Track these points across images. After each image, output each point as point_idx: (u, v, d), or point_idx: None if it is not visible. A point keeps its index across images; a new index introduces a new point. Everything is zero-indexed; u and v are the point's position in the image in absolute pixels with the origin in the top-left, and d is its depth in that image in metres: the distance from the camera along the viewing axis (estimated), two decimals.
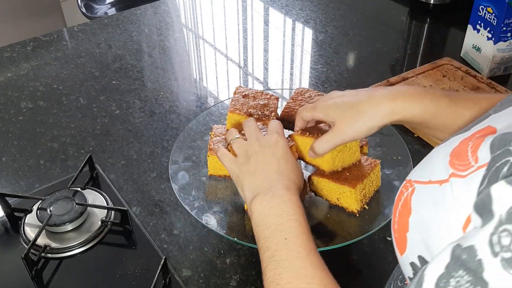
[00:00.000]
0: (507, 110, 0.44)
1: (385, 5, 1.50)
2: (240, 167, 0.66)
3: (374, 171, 0.76)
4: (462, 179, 0.39)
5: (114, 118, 1.05)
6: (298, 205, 0.59)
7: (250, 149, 0.67)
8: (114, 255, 0.77)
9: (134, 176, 0.91)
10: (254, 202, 0.61)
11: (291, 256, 0.53)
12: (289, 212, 0.58)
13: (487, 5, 1.09)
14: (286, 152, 0.66)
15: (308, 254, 0.53)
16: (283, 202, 0.59)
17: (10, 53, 1.26)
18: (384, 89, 0.64)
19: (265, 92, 0.88)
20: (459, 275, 0.32)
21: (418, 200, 0.44)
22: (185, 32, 1.39)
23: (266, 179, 0.63)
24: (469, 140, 0.41)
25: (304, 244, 0.54)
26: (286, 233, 0.55)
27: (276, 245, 0.54)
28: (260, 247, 0.57)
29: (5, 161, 0.94)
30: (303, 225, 0.56)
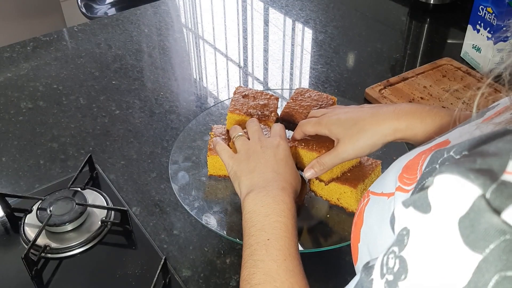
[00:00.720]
0: (466, 126, 0.44)
1: (385, 5, 1.50)
2: (240, 164, 0.66)
3: (375, 171, 0.76)
4: (405, 194, 0.39)
5: (114, 118, 1.05)
6: (289, 207, 0.59)
7: (252, 148, 0.67)
8: (114, 255, 0.77)
9: (134, 176, 0.91)
10: (247, 198, 0.61)
11: (268, 258, 0.52)
12: (278, 213, 0.57)
13: (487, 5, 1.09)
14: (287, 156, 0.67)
15: (285, 259, 0.52)
16: (274, 202, 0.58)
17: (10, 53, 1.26)
18: (388, 107, 0.65)
19: (265, 92, 0.88)
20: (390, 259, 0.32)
21: (369, 212, 0.45)
22: (185, 32, 1.39)
23: (262, 178, 0.63)
24: (424, 153, 0.41)
25: (284, 248, 0.53)
26: (270, 234, 0.55)
27: (257, 244, 0.54)
28: (244, 243, 0.57)
29: (5, 161, 0.94)
30: (289, 228, 0.56)
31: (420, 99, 1.05)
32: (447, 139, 0.42)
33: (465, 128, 0.42)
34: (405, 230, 0.31)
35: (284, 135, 0.70)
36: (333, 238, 0.75)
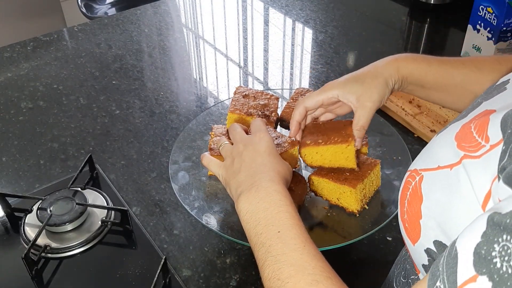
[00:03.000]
0: (498, 96, 0.45)
1: (385, 5, 1.50)
2: (227, 170, 0.65)
3: (374, 171, 0.76)
4: (476, 160, 0.38)
5: (114, 118, 1.05)
6: (284, 195, 0.57)
7: (235, 151, 0.66)
8: (114, 255, 0.77)
9: (134, 176, 0.91)
10: (239, 200, 0.59)
11: (288, 249, 0.51)
12: (277, 203, 0.56)
13: (487, 5, 1.09)
14: (270, 147, 0.65)
15: (305, 245, 0.51)
16: (268, 195, 0.57)
17: (10, 53, 1.26)
18: (383, 59, 0.70)
19: (265, 92, 0.88)
20: (505, 240, 0.30)
21: (429, 187, 0.44)
22: (185, 32, 1.39)
23: (249, 175, 0.61)
24: (470, 123, 0.42)
25: (299, 235, 0.52)
26: (278, 225, 0.54)
27: (270, 239, 0.53)
28: (254, 245, 0.55)
29: (5, 161, 0.94)
30: (293, 216, 0.55)
31: (420, 99, 1.05)
32: (487, 109, 0.42)
33: (506, 95, 0.43)
34: None
35: (264, 128, 0.69)
36: (333, 238, 0.75)
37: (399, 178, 0.79)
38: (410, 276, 0.53)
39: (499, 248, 0.30)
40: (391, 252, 0.77)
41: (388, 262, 0.75)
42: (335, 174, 0.75)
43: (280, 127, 0.87)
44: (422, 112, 1.02)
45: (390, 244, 0.78)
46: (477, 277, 0.31)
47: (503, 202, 0.33)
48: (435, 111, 1.02)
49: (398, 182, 0.79)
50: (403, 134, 0.98)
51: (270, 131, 0.77)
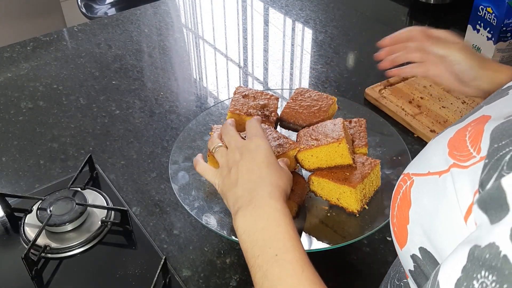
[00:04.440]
0: (499, 101, 0.45)
1: (385, 5, 1.50)
2: (224, 180, 0.62)
3: (374, 171, 0.76)
4: (464, 170, 0.38)
5: (114, 118, 1.05)
6: (283, 213, 0.55)
7: (231, 159, 0.63)
8: (114, 255, 0.77)
9: (134, 176, 0.91)
10: (237, 217, 0.56)
11: (285, 274, 0.49)
12: (274, 223, 0.54)
13: (487, 5, 1.09)
14: (267, 156, 0.61)
15: (303, 271, 0.49)
16: (266, 213, 0.55)
17: (10, 53, 1.26)
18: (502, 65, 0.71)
19: (265, 92, 0.88)
20: (483, 276, 0.30)
21: (418, 192, 0.43)
22: (185, 32, 1.39)
23: (247, 189, 0.58)
24: (465, 130, 0.41)
25: (297, 259, 0.50)
26: (276, 248, 0.51)
27: (267, 263, 0.50)
28: (251, 266, 0.53)
29: (5, 161, 0.94)
30: (291, 236, 0.52)
31: (420, 99, 1.05)
32: (484, 114, 0.42)
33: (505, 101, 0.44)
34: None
35: (260, 132, 0.64)
36: (333, 238, 0.75)
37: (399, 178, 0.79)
38: (402, 279, 0.53)
39: (478, 285, 0.30)
40: (391, 252, 0.77)
41: (387, 262, 0.75)
42: (335, 174, 0.75)
43: (280, 127, 0.87)
44: (422, 112, 1.02)
45: (390, 244, 0.78)
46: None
47: (482, 232, 0.33)
48: (435, 111, 1.02)
49: None
50: (403, 134, 0.98)
51: (270, 131, 0.77)
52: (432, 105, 1.04)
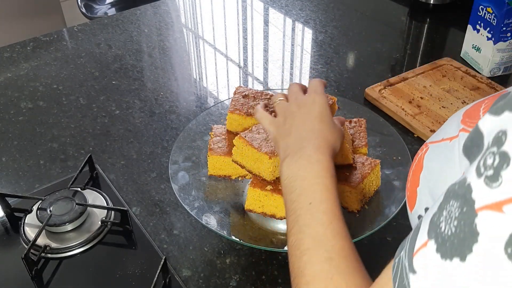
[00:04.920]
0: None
1: (385, 5, 1.50)
2: (278, 128, 0.65)
3: (374, 171, 0.76)
4: (467, 133, 0.39)
5: (114, 118, 1.05)
6: (326, 167, 0.57)
7: (288, 110, 0.66)
8: (114, 255, 0.77)
9: (134, 176, 0.91)
10: (283, 164, 0.60)
11: (314, 222, 0.51)
12: (315, 175, 0.56)
13: (487, 5, 1.09)
14: (322, 112, 0.64)
15: (331, 222, 0.51)
16: (310, 164, 0.57)
17: (10, 53, 1.26)
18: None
19: (265, 92, 0.88)
20: (450, 205, 0.32)
21: (430, 157, 0.45)
22: (185, 32, 1.39)
23: (297, 140, 0.61)
24: (483, 102, 0.42)
25: (328, 211, 0.52)
26: (311, 197, 0.54)
27: (300, 209, 0.53)
28: (287, 210, 0.56)
29: (5, 161, 0.94)
30: (329, 189, 0.55)
31: (420, 99, 1.05)
32: (506, 90, 0.43)
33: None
34: (500, 132, 0.31)
35: (320, 90, 0.67)
36: None
37: (399, 178, 0.79)
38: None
39: (446, 213, 0.32)
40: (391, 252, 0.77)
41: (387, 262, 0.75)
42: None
43: None
44: (422, 112, 1.02)
45: (390, 245, 0.78)
46: (428, 241, 0.33)
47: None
48: (435, 111, 1.02)
49: (398, 182, 0.79)
50: (403, 134, 0.98)
51: None
52: (432, 105, 1.04)
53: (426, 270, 0.32)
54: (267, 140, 0.75)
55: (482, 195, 0.30)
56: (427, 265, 0.32)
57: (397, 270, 0.35)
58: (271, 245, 0.74)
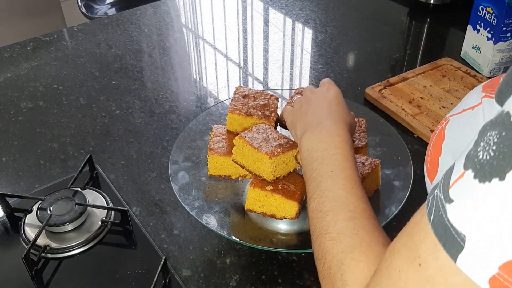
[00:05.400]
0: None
1: (385, 5, 1.50)
2: (294, 113, 0.70)
3: (374, 171, 0.76)
4: (492, 99, 0.40)
5: (114, 118, 1.05)
6: (345, 140, 0.60)
7: (304, 98, 0.71)
8: (114, 255, 0.77)
9: (134, 176, 0.91)
10: (303, 138, 0.63)
11: (336, 187, 0.53)
12: (335, 146, 0.59)
13: (487, 5, 1.09)
14: (338, 97, 0.68)
15: (352, 187, 0.53)
16: (330, 136, 0.60)
17: (10, 53, 1.26)
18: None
19: (265, 92, 0.88)
20: (488, 136, 0.32)
21: (452, 127, 0.46)
22: (185, 32, 1.39)
23: (316, 117, 0.65)
24: (500, 76, 0.43)
25: (349, 177, 0.55)
26: (332, 166, 0.56)
27: (321, 176, 0.56)
28: (306, 180, 0.59)
29: (5, 161, 0.94)
30: (349, 159, 0.57)
31: (420, 99, 1.05)
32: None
33: None
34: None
35: (332, 82, 0.72)
36: None
37: (399, 178, 0.79)
38: None
39: (483, 144, 0.32)
40: None
41: None
42: None
43: (280, 127, 0.87)
44: (422, 112, 1.02)
45: None
46: (464, 172, 0.33)
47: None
48: (435, 111, 1.02)
49: (398, 182, 0.79)
50: (403, 134, 0.98)
51: (270, 131, 0.78)
52: (432, 105, 1.04)
53: (463, 197, 0.32)
54: (267, 140, 0.75)
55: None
56: (465, 192, 0.32)
57: (431, 205, 0.35)
58: (271, 245, 0.74)
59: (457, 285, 0.32)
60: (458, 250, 0.31)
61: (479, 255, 0.30)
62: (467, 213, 0.31)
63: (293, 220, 0.75)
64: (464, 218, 0.31)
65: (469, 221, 0.31)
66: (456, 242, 0.31)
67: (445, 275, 0.32)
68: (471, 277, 0.31)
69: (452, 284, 0.32)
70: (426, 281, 0.33)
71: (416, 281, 0.34)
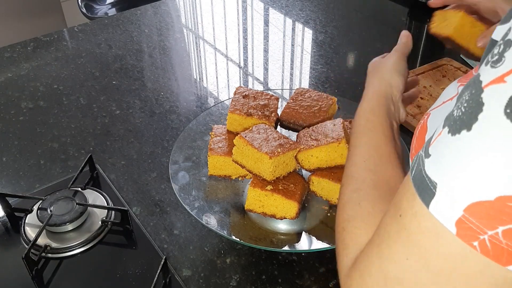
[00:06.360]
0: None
1: (385, 5, 1.50)
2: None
3: None
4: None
5: (115, 118, 1.05)
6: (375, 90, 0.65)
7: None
8: (114, 255, 0.77)
9: (134, 176, 0.91)
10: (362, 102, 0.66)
11: (348, 163, 0.57)
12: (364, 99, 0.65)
13: None
14: (394, 64, 0.70)
15: (365, 160, 0.56)
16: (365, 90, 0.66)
17: (11, 53, 1.26)
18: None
19: (265, 92, 0.88)
20: (464, 96, 0.34)
21: (433, 119, 0.48)
22: (185, 33, 1.39)
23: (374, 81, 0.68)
24: (473, 70, 0.46)
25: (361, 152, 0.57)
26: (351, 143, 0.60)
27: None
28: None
29: (5, 161, 0.94)
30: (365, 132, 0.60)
31: (420, 99, 1.06)
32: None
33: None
34: (508, 28, 0.33)
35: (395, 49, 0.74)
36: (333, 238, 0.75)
37: None
38: None
39: (458, 104, 0.35)
40: None
41: None
42: (335, 174, 0.76)
43: (280, 127, 0.87)
44: (422, 112, 1.02)
45: None
46: (442, 130, 0.35)
47: None
48: None
49: None
50: (403, 134, 0.98)
51: (271, 131, 0.78)
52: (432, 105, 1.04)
53: (439, 150, 0.35)
54: (267, 140, 0.75)
55: (488, 75, 0.32)
56: (439, 146, 0.35)
57: (414, 164, 0.38)
58: (271, 245, 0.74)
59: (428, 229, 0.34)
60: (430, 197, 0.34)
61: (447, 200, 0.33)
62: (439, 163, 0.34)
63: (293, 220, 0.76)
64: (436, 168, 0.34)
65: (440, 169, 0.34)
66: (429, 190, 0.34)
67: (419, 220, 0.35)
68: (440, 220, 0.33)
69: (424, 229, 0.35)
70: (403, 228, 0.36)
71: (395, 231, 0.37)
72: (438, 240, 0.34)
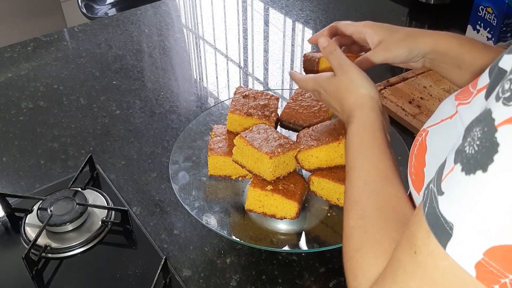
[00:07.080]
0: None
1: (385, 5, 1.50)
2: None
3: None
4: (467, 105, 0.43)
5: (115, 118, 1.05)
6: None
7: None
8: (114, 255, 0.77)
9: (135, 176, 0.91)
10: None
11: (347, 187, 0.56)
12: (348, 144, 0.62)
13: (487, 5, 1.09)
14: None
15: (365, 183, 0.54)
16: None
17: (11, 53, 1.26)
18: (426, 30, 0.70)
19: (265, 92, 0.88)
20: (473, 132, 0.34)
21: (433, 138, 0.48)
22: (185, 33, 1.39)
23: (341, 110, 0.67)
24: (468, 84, 0.46)
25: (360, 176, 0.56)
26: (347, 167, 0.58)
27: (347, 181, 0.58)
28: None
29: (5, 161, 0.94)
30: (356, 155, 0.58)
31: (420, 99, 1.06)
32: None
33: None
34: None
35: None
36: (333, 238, 0.75)
37: None
38: None
39: (469, 139, 0.34)
40: None
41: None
42: (335, 174, 0.76)
43: (280, 127, 0.87)
44: (422, 112, 1.02)
45: None
46: (454, 167, 0.35)
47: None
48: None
49: None
50: (403, 134, 0.98)
51: (271, 131, 0.78)
52: (432, 105, 1.04)
53: (453, 189, 0.34)
54: (267, 140, 0.75)
55: (501, 113, 0.32)
56: (454, 184, 0.34)
57: (426, 198, 0.37)
58: (271, 245, 0.74)
59: (446, 269, 0.34)
60: (447, 238, 0.34)
61: (466, 242, 0.33)
62: (455, 204, 0.34)
63: (293, 220, 0.76)
64: (452, 208, 0.34)
65: (456, 210, 0.34)
66: (445, 230, 0.34)
67: (435, 260, 0.35)
68: (459, 263, 0.33)
69: (442, 269, 0.34)
70: (418, 266, 0.36)
71: (410, 267, 0.37)
72: (457, 282, 0.34)
